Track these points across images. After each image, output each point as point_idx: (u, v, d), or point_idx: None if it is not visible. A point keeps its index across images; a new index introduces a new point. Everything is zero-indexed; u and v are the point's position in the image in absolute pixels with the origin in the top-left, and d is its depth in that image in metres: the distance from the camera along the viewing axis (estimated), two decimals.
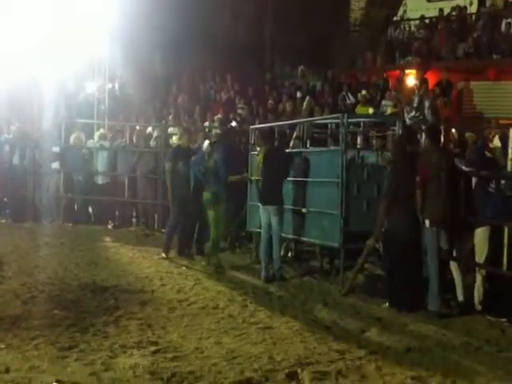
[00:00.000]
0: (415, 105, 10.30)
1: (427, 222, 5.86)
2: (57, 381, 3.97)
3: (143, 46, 15.17)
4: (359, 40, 17.54)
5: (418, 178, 5.96)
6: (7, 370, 4.15)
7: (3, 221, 11.11)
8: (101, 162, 11.27)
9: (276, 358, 4.56)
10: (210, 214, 7.90)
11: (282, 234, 7.55)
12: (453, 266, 6.02)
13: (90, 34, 12.00)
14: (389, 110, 11.05)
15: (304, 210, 7.50)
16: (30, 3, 11.96)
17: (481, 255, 5.91)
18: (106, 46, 12.82)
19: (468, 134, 8.41)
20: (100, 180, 11.31)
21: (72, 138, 11.44)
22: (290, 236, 7.78)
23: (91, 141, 11.67)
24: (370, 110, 11.50)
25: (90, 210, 11.63)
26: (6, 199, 11.65)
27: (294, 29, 16.89)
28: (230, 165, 9.10)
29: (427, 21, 16.38)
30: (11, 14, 11.99)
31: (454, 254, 6.06)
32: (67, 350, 4.65)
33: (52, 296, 6.15)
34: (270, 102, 13.62)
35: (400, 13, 18.06)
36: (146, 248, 9.03)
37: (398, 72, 14.29)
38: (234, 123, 10.35)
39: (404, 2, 18.15)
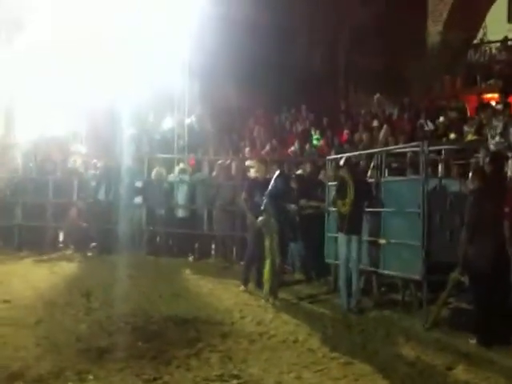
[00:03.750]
0: (499, 130, 9.91)
1: None
2: None
3: (219, 79, 15.53)
4: (437, 64, 17.20)
5: (506, 209, 5.70)
6: None
7: (90, 254, 11.58)
8: (181, 196, 11.58)
9: None
10: (265, 242, 7.89)
11: (361, 266, 7.45)
12: None
13: (168, 68, 12.47)
14: (469, 136, 10.71)
15: (383, 241, 7.37)
16: (109, 38, 12.60)
17: None
18: (184, 81, 13.24)
19: None
20: (180, 213, 11.60)
21: (153, 173, 11.84)
22: (370, 268, 7.65)
23: (172, 175, 12.03)
24: (451, 136, 11.18)
25: (171, 242, 11.93)
26: (92, 233, 12.12)
27: (369, 55, 16.82)
28: (308, 196, 9.18)
29: (510, 43, 15.86)
30: (92, 49, 12.69)
31: None
32: (152, 382, 4.74)
33: (136, 328, 6.29)
34: (345, 131, 13.57)
35: (480, 35, 17.62)
36: (225, 280, 9.13)
37: (479, 96, 13.87)
38: (300, 171, 10.32)
39: (484, 24, 17.71)
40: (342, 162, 7.77)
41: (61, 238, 12.47)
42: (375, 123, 13.28)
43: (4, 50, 13.49)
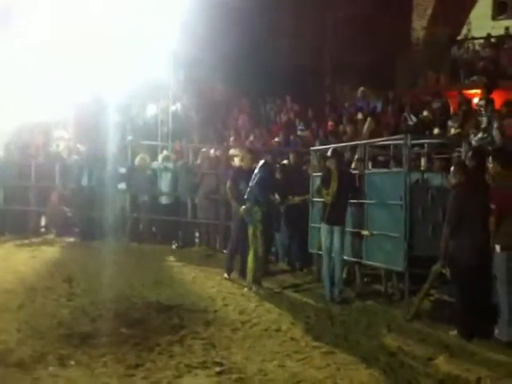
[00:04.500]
0: (483, 125, 10.03)
1: (498, 248, 5.68)
2: None
3: (204, 69, 15.48)
4: (421, 60, 17.31)
5: (492, 206, 5.77)
6: None
7: (72, 240, 11.50)
8: (164, 183, 11.54)
9: None
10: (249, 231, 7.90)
11: (344, 257, 7.51)
12: None
13: (153, 56, 12.39)
14: (452, 131, 10.83)
15: (366, 233, 7.43)
16: (94, 26, 12.46)
17: None
18: (169, 69, 13.17)
19: None
20: (164, 200, 11.57)
21: (137, 160, 11.78)
22: (353, 259, 7.72)
23: (155, 162, 11.98)
24: (435, 131, 11.29)
25: (154, 229, 11.90)
26: (74, 219, 12.04)
27: (355, 49, 16.86)
28: (292, 186, 9.21)
29: (493, 39, 16.01)
30: (75, 37, 12.54)
31: None
32: (134, 368, 4.75)
33: (119, 314, 6.28)
34: (330, 123, 13.61)
35: (464, 31, 17.76)
36: (208, 268, 9.14)
37: (462, 92, 14.00)
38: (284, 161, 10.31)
39: (468, 20, 17.84)
40: (329, 153, 7.79)
41: (43, 222, 12.36)
42: (360, 116, 13.33)
43: None
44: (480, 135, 9.75)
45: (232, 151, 11.73)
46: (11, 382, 4.43)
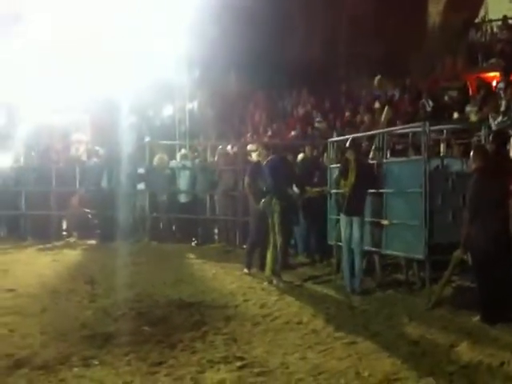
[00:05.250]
0: (502, 109, 9.85)
1: None
2: None
3: (219, 66, 15.50)
4: (437, 45, 17.07)
5: None
6: None
7: (93, 242, 11.62)
8: (183, 182, 11.59)
9: (363, 374, 4.48)
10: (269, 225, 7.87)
11: (364, 248, 7.46)
12: None
13: (168, 56, 12.43)
14: (472, 116, 10.65)
15: (386, 222, 7.37)
16: (108, 28, 12.55)
17: None
18: (184, 68, 13.20)
19: None
20: (182, 199, 11.62)
21: (155, 160, 11.85)
22: (373, 249, 7.66)
23: (173, 161, 12.04)
24: (455, 116, 11.12)
25: (174, 228, 11.96)
26: (95, 221, 12.15)
27: (370, 37, 16.71)
28: (310, 178, 9.17)
29: (510, 21, 15.72)
30: (90, 38, 12.64)
31: None
32: (157, 366, 4.78)
33: (141, 313, 6.33)
34: (346, 113, 13.52)
35: (481, 15, 17.46)
36: (228, 264, 9.19)
37: (481, 76, 13.77)
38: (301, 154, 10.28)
39: (485, 3, 17.54)
40: (348, 144, 7.74)
41: (64, 226, 12.51)
42: (377, 105, 13.20)
43: (4, 40, 13.46)
44: (500, 119, 9.56)
45: (249, 147, 11.74)
46: None
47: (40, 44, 13.20)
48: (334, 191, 8.29)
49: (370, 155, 8.88)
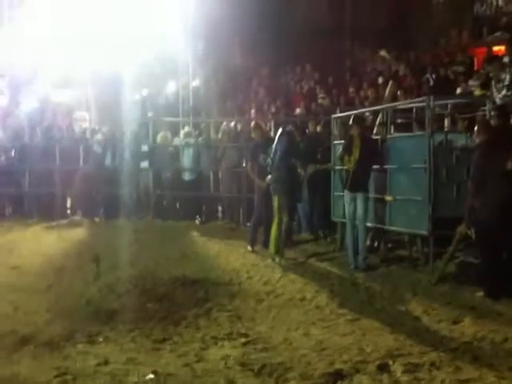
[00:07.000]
0: (506, 83, 9.73)
1: None
2: (153, 372, 4.09)
3: (222, 42, 15.32)
4: (442, 19, 16.82)
5: None
6: (106, 362, 4.34)
7: (97, 219, 11.64)
8: (187, 159, 11.55)
9: (366, 350, 4.50)
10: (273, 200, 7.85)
11: (368, 224, 7.45)
12: None
13: (171, 32, 12.29)
14: (477, 91, 10.54)
15: (389, 198, 7.34)
16: (111, 4, 12.41)
17: None
18: (187, 44, 13.06)
19: None
20: (187, 176, 11.59)
21: (159, 137, 11.80)
22: (376, 225, 7.64)
23: (177, 139, 11.98)
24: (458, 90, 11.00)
25: (178, 205, 11.96)
26: (99, 199, 12.15)
27: (373, 11, 16.48)
28: (314, 154, 9.13)
29: None
30: (93, 15, 12.51)
31: None
32: (161, 342, 4.82)
33: (145, 290, 6.37)
34: (350, 89, 13.40)
35: None
36: (232, 241, 9.19)
37: (485, 49, 13.59)
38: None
39: None
40: (351, 120, 7.67)
41: (68, 204, 12.53)
42: (380, 80, 13.07)
43: (8, 15, 13.35)
44: (504, 92, 9.46)
45: (253, 124, 11.65)
46: (42, 360, 4.51)
47: (43, 19, 13.07)
48: (337, 167, 8.26)
49: (375, 130, 8.83)
